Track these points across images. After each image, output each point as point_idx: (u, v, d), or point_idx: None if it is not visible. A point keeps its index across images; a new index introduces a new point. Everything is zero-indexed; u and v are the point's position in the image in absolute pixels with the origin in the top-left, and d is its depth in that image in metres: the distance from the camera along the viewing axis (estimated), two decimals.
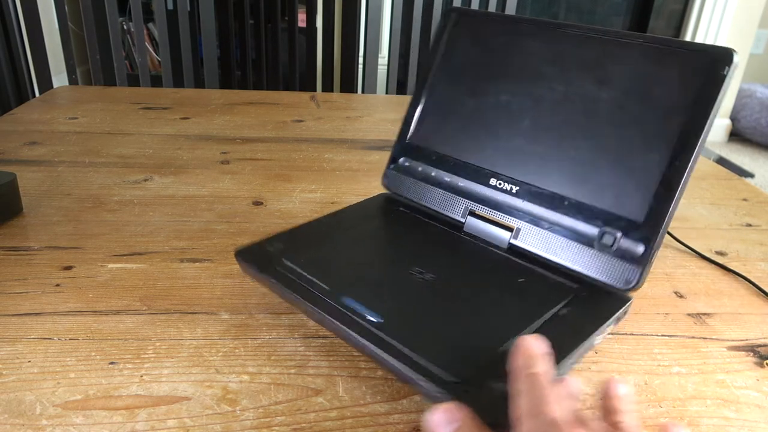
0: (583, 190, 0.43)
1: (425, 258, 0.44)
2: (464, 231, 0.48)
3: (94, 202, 0.57)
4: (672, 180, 0.39)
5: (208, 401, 0.33)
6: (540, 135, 0.45)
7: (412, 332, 0.35)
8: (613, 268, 0.40)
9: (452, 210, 0.49)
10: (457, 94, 0.50)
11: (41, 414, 0.32)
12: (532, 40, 0.46)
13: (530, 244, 0.44)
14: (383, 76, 1.61)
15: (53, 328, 0.39)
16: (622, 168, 0.41)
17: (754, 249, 0.56)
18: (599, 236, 0.41)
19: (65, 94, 0.96)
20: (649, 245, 0.39)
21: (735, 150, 2.96)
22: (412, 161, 0.52)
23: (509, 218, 0.46)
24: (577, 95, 0.44)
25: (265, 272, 0.40)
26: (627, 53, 0.42)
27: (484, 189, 0.48)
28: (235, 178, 0.65)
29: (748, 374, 0.38)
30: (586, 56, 0.44)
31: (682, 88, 0.39)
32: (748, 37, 2.89)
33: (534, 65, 0.46)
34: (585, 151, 0.43)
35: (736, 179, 0.74)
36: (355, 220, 0.49)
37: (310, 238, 0.45)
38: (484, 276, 0.43)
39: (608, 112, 0.42)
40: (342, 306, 0.37)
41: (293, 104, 0.96)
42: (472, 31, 0.50)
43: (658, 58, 0.41)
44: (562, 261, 0.43)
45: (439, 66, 0.51)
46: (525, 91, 0.46)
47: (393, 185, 0.53)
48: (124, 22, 2.33)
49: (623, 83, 0.42)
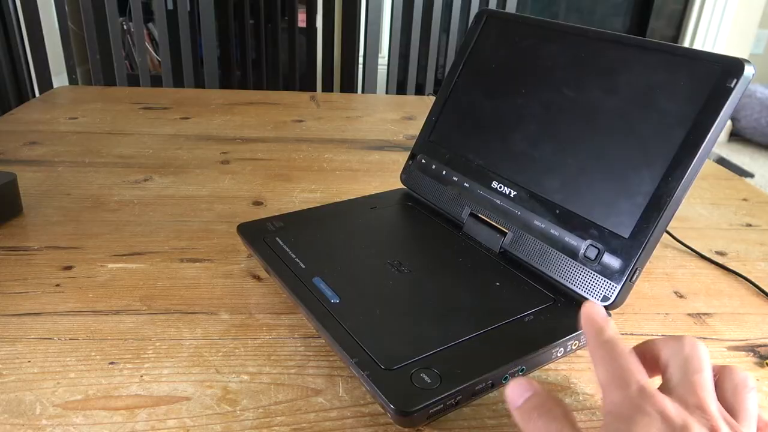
0: (575, 200, 0.42)
1: (409, 253, 0.45)
2: (463, 231, 0.48)
3: (94, 202, 0.57)
4: (661, 197, 0.37)
5: (208, 401, 0.33)
6: (544, 140, 0.45)
7: (364, 318, 0.37)
8: (592, 282, 0.39)
9: (456, 210, 0.49)
10: (476, 95, 0.51)
11: (41, 414, 0.32)
12: (552, 45, 0.46)
13: (519, 251, 0.44)
14: (383, 76, 1.61)
15: (53, 328, 0.39)
16: (616, 180, 0.40)
17: (754, 249, 0.56)
18: (584, 249, 0.40)
19: (65, 94, 0.96)
20: (630, 262, 0.37)
21: (735, 150, 2.96)
22: (428, 159, 0.53)
23: (505, 222, 0.46)
24: (584, 102, 0.43)
25: (253, 246, 0.45)
26: (641, 61, 0.40)
27: (485, 191, 0.48)
28: (235, 178, 0.65)
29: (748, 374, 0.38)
30: (601, 63, 0.42)
31: (685, 100, 0.37)
32: (748, 37, 2.89)
33: (549, 70, 0.46)
34: (583, 160, 0.42)
35: (736, 179, 0.74)
36: (361, 211, 0.51)
37: (310, 221, 0.48)
38: (462, 276, 0.43)
39: (611, 121, 0.41)
40: (308, 285, 0.40)
41: (293, 104, 0.96)
42: (499, 34, 0.51)
43: (667, 67, 0.39)
44: (546, 270, 0.42)
45: (465, 66, 0.53)
46: (537, 96, 0.46)
47: (409, 182, 0.55)
48: (124, 22, 2.33)
49: (629, 92, 0.40)
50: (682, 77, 0.38)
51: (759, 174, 2.65)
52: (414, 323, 0.37)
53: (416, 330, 0.36)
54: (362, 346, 0.34)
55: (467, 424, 0.33)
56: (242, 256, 0.49)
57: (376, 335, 0.35)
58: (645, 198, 0.38)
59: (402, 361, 0.33)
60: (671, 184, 0.36)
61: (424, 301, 0.39)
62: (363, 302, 0.38)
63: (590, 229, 0.40)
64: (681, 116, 0.37)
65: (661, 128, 0.38)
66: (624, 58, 0.41)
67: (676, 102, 0.38)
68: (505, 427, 0.33)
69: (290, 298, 0.40)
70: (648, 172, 0.38)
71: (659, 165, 0.37)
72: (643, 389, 0.25)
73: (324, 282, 0.40)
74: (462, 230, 0.48)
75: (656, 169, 0.37)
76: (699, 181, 0.73)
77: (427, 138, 0.54)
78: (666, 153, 0.37)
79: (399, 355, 0.33)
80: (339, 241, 0.46)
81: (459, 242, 0.47)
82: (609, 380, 0.27)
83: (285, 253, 0.43)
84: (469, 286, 0.41)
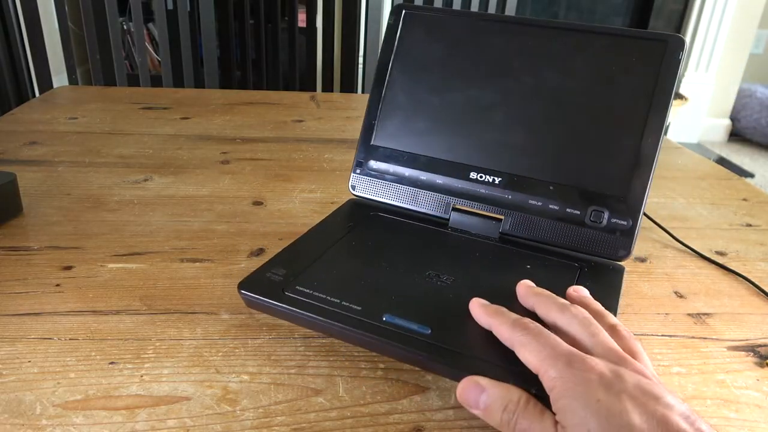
0: (565, 174, 0.46)
1: (433, 261, 0.43)
2: (450, 227, 0.48)
3: (94, 202, 0.57)
4: (647, 156, 0.44)
5: (208, 401, 0.33)
6: (514, 126, 0.47)
7: (463, 337, 0.35)
8: (605, 243, 0.45)
9: (433, 207, 0.49)
10: (419, 92, 0.50)
11: (41, 414, 0.32)
12: (487, 35, 0.49)
13: (522, 231, 0.47)
14: None
15: (53, 328, 0.39)
16: (598, 150, 0.45)
17: (754, 249, 0.56)
18: (588, 215, 0.45)
19: (65, 94, 0.96)
20: (635, 216, 0.44)
21: (735, 150, 2.96)
22: (381, 163, 0.51)
23: (496, 209, 0.47)
24: (545, 87, 0.47)
25: (280, 302, 0.38)
26: (591, 44, 0.46)
27: (464, 183, 0.48)
28: (235, 178, 0.65)
29: (748, 374, 0.38)
30: (553, 49, 0.47)
31: (641, 73, 0.45)
32: (748, 37, 2.89)
33: (496, 59, 0.48)
34: (560, 138, 0.46)
35: (736, 179, 0.74)
36: (338, 232, 0.47)
37: (304, 258, 0.43)
38: (496, 268, 0.44)
39: (576, 100, 0.46)
40: (381, 324, 0.36)
41: (293, 104, 0.96)
42: (424, 28, 0.51)
43: (617, 48, 0.45)
44: (557, 242, 0.45)
45: (395, 64, 0.51)
46: (492, 86, 0.48)
47: (362, 189, 0.52)
48: (124, 22, 2.33)
49: (587, 72, 0.46)
50: (634, 54, 0.45)
51: (759, 174, 2.65)
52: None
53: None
54: (482, 365, 0.33)
55: (467, 424, 0.33)
56: (242, 256, 0.49)
57: (485, 348, 0.34)
58: (630, 159, 0.44)
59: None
60: (651, 143, 0.44)
61: (498, 303, 0.37)
62: (452, 324, 0.36)
63: (587, 196, 0.45)
64: (641, 87, 0.44)
65: (626, 99, 0.45)
66: (574, 43, 0.46)
67: (634, 75, 0.45)
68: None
69: (367, 344, 0.37)
70: (627, 137, 0.44)
71: (635, 129, 0.44)
72: (571, 357, 0.30)
73: (396, 317, 0.36)
74: (448, 226, 0.48)
75: (634, 133, 0.44)
76: (699, 181, 0.73)
77: (370, 142, 0.52)
78: (638, 119, 0.44)
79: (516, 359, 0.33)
80: (357, 271, 0.42)
81: (455, 238, 0.47)
82: (539, 361, 0.30)
83: (327, 301, 0.38)
84: (511, 277, 0.41)
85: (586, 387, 0.28)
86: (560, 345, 0.31)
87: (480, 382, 0.31)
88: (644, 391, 0.28)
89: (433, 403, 0.34)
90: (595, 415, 0.27)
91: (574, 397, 0.28)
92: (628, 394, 0.28)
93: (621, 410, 0.27)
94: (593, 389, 0.28)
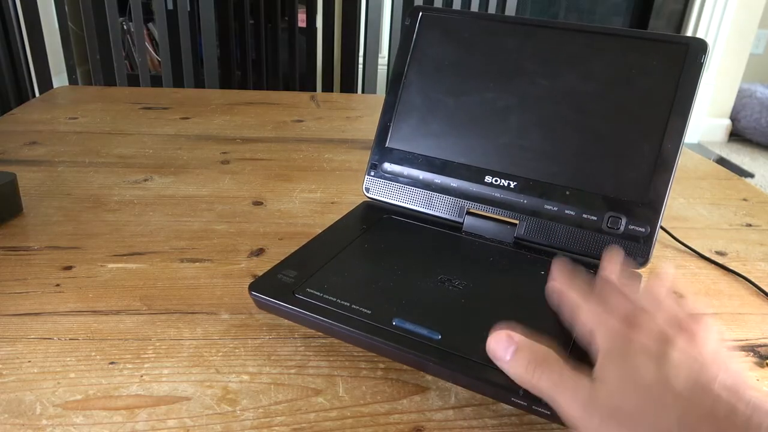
0: (582, 179, 0.45)
1: (445, 265, 0.43)
2: (464, 231, 0.48)
3: (94, 202, 0.57)
4: (667, 161, 0.43)
5: (208, 401, 0.33)
6: (531, 130, 0.46)
7: (474, 344, 0.34)
8: (624, 249, 0.43)
9: (447, 211, 0.49)
10: (435, 94, 0.50)
11: (41, 414, 0.32)
12: (504, 37, 0.48)
13: (537, 237, 0.46)
14: (383, 76, 1.61)
15: (53, 328, 0.39)
16: (616, 154, 0.44)
17: (754, 249, 0.56)
18: (605, 221, 0.44)
19: (65, 94, 0.96)
20: (654, 223, 0.43)
21: (735, 150, 2.96)
22: (395, 166, 0.51)
23: (511, 213, 0.47)
24: (563, 89, 0.46)
25: (290, 304, 0.37)
26: (611, 47, 0.45)
27: (479, 187, 0.48)
28: (235, 178, 0.65)
29: (748, 374, 0.38)
30: (570, 52, 0.46)
31: (663, 76, 0.43)
32: (748, 37, 2.89)
33: (513, 62, 0.47)
34: (579, 142, 0.45)
35: (736, 179, 0.74)
36: (351, 235, 0.46)
37: (315, 260, 0.42)
38: (514, 275, 0.43)
39: (595, 103, 0.45)
40: (394, 328, 0.36)
41: (293, 104, 0.96)
42: (441, 30, 0.50)
43: (638, 50, 0.44)
44: (573, 248, 0.45)
45: (412, 67, 0.51)
46: (509, 88, 0.47)
47: (376, 192, 0.52)
48: (124, 22, 2.33)
49: (606, 75, 0.45)
50: (655, 57, 0.44)
51: (759, 174, 2.65)
52: (528, 331, 0.35)
53: (536, 338, 0.35)
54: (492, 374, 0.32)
55: (467, 424, 0.33)
56: (242, 256, 0.49)
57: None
58: (650, 165, 0.43)
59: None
60: (671, 148, 0.42)
61: (511, 310, 0.37)
62: (462, 329, 0.36)
63: (605, 202, 0.44)
64: (662, 90, 0.43)
65: (646, 103, 0.44)
66: (593, 45, 0.45)
67: (655, 78, 0.44)
68: (506, 427, 0.33)
69: (377, 348, 0.36)
70: (647, 142, 0.43)
71: (655, 134, 0.43)
72: (628, 321, 0.31)
73: (406, 321, 0.36)
74: (462, 230, 0.48)
75: (654, 138, 0.43)
76: (699, 181, 0.73)
77: (385, 144, 0.51)
78: (659, 123, 0.43)
79: None
80: (368, 274, 0.42)
81: (469, 242, 0.47)
82: (595, 324, 0.32)
83: (337, 304, 0.37)
84: (527, 282, 0.41)
85: (629, 349, 0.29)
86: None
87: (512, 335, 0.32)
88: (689, 356, 0.29)
89: (433, 403, 0.34)
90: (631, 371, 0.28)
91: (617, 356, 0.29)
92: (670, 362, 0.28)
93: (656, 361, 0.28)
94: (636, 352, 0.29)
